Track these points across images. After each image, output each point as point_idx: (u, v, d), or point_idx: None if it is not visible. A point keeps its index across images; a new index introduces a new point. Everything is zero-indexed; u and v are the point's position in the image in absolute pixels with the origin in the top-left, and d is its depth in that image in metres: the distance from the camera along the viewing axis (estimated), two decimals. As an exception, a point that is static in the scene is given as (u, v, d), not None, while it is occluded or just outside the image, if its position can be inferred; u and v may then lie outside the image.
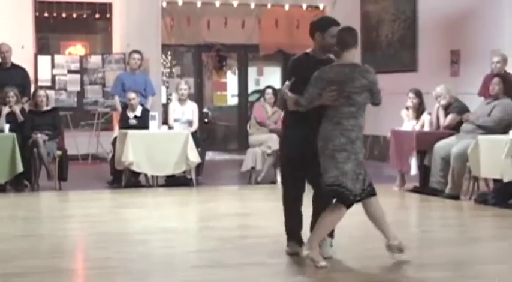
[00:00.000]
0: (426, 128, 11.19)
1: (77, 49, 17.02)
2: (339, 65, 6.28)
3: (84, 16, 16.48)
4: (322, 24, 6.54)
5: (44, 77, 15.27)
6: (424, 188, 10.92)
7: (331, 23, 6.52)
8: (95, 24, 17.13)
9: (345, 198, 6.16)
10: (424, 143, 10.90)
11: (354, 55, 6.35)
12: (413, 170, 10.95)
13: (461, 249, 7.26)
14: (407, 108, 11.50)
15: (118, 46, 15.92)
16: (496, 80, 10.55)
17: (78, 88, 15.52)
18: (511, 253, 7.25)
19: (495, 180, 10.10)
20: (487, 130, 10.27)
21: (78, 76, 15.56)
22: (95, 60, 15.73)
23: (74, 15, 16.28)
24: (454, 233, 8.30)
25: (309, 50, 6.60)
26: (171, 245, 7.34)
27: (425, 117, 11.27)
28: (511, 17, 13.05)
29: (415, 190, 11.08)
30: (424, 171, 10.98)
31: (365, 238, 7.35)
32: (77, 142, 14.62)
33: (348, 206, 6.20)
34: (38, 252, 7.08)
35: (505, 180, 9.51)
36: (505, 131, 10.11)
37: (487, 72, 11.61)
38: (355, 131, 6.20)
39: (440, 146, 10.61)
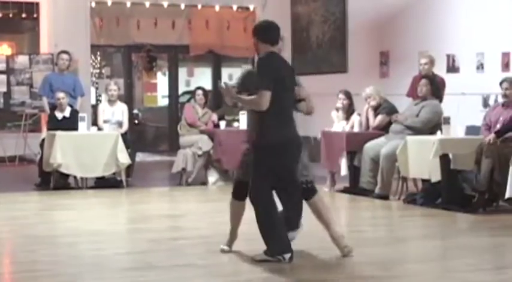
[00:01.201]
0: (356, 129, 11.28)
1: (3, 49, 16.69)
2: None
3: (11, 15, 16.19)
4: None
5: (-31, 77, 14.99)
6: (354, 188, 11.01)
7: None
8: (21, 23, 16.85)
9: None
10: (354, 144, 10.98)
11: None
12: (343, 170, 11.03)
13: (391, 248, 7.34)
14: (337, 109, 11.60)
15: (46, 46, 15.68)
16: (423, 81, 10.69)
17: (4, 89, 15.24)
18: (438, 252, 7.36)
19: (423, 180, 10.24)
20: (415, 131, 10.41)
21: (4, 76, 15.28)
22: (22, 60, 15.47)
23: (0, 15, 15.99)
24: (383, 232, 8.39)
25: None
26: (101, 247, 7.26)
27: (355, 118, 11.38)
28: (437, 19, 13.26)
29: (345, 190, 11.16)
30: (354, 171, 11.06)
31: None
32: (4, 144, 14.36)
33: None
34: (-37, 256, 6.95)
35: (433, 180, 9.65)
36: (432, 132, 10.27)
37: (415, 74, 11.76)
38: None
39: (370, 146, 10.71)
